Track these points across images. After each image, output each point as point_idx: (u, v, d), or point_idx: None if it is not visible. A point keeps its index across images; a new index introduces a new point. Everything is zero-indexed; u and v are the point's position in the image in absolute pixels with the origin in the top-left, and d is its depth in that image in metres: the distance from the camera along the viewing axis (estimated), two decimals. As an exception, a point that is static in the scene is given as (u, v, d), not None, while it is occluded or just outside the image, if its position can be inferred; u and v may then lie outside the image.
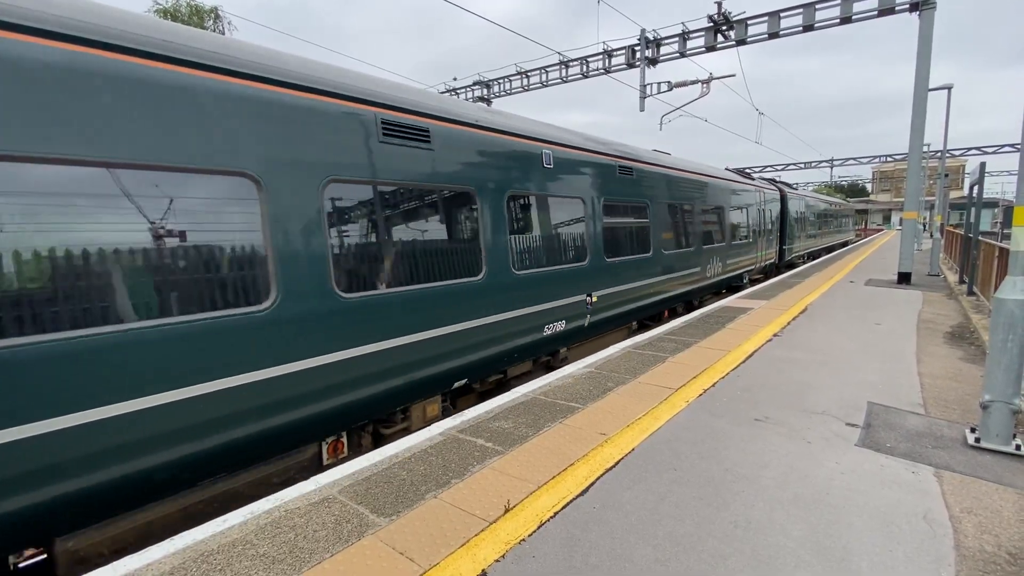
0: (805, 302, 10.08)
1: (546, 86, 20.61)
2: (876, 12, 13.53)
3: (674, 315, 10.80)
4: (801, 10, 14.76)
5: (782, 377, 5.46)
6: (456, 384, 5.46)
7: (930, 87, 12.40)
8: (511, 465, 3.60)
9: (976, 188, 12.35)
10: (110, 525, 3.18)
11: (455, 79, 23.16)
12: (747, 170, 23.82)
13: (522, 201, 6.30)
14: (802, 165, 51.93)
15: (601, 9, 15.92)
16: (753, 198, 15.29)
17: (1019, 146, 3.78)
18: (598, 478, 3.40)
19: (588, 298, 7.32)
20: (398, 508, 3.07)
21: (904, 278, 12.75)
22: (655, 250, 9.16)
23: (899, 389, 5.05)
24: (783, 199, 19.05)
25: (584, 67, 19.36)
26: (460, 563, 2.57)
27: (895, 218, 64.67)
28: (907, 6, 12.79)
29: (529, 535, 2.80)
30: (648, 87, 17.63)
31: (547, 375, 5.76)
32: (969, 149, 42.18)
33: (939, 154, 21.44)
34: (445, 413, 5.54)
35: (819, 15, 14.51)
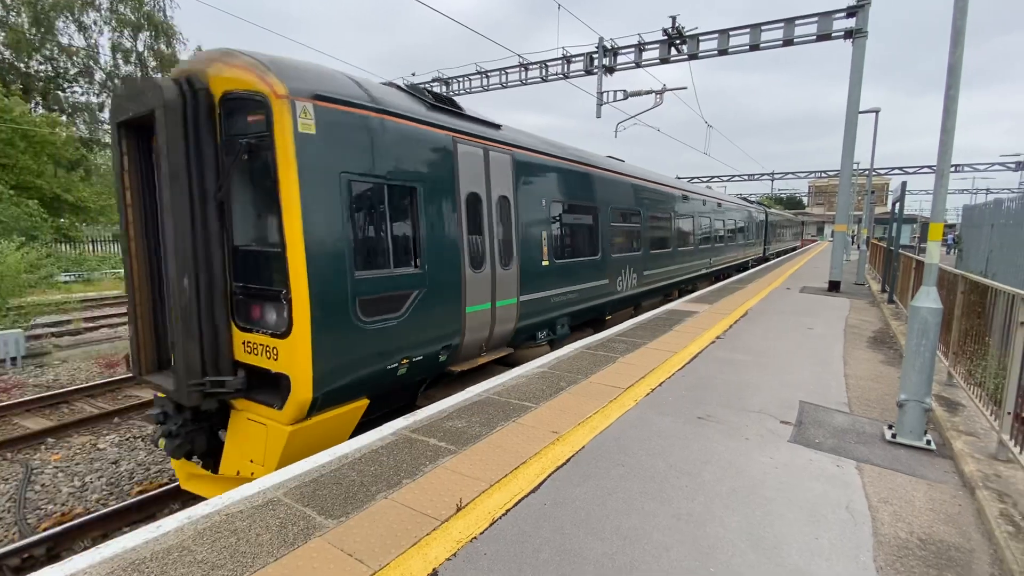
0: (746, 307, 10.63)
1: (506, 87, 20.69)
2: (815, 37, 14.48)
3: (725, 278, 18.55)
4: (748, 30, 15.58)
5: (724, 377, 5.75)
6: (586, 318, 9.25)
7: (860, 110, 13.37)
8: (464, 464, 3.60)
9: (897, 205, 13.44)
10: None
11: (413, 74, 22.86)
12: (694, 180, 32.90)
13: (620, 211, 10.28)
14: (746, 177, 54.64)
15: (560, 15, 16.17)
16: (755, 216, 24.92)
17: (935, 167, 4.16)
18: (549, 475, 3.46)
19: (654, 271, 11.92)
20: (347, 509, 3.01)
21: (834, 286, 13.69)
22: (706, 247, 16.04)
23: (828, 389, 5.43)
24: (766, 216, 28.83)
25: (543, 71, 19.59)
26: (411, 563, 2.55)
27: (828, 230, 69.20)
28: (842, 33, 13.76)
29: (481, 533, 2.81)
30: (605, 94, 18.05)
31: (500, 375, 5.79)
32: (893, 169, 45.78)
33: (867, 172, 23.16)
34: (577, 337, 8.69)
35: (764, 36, 15.37)
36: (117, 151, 4.63)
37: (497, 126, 6.82)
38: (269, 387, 4.31)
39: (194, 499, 5.05)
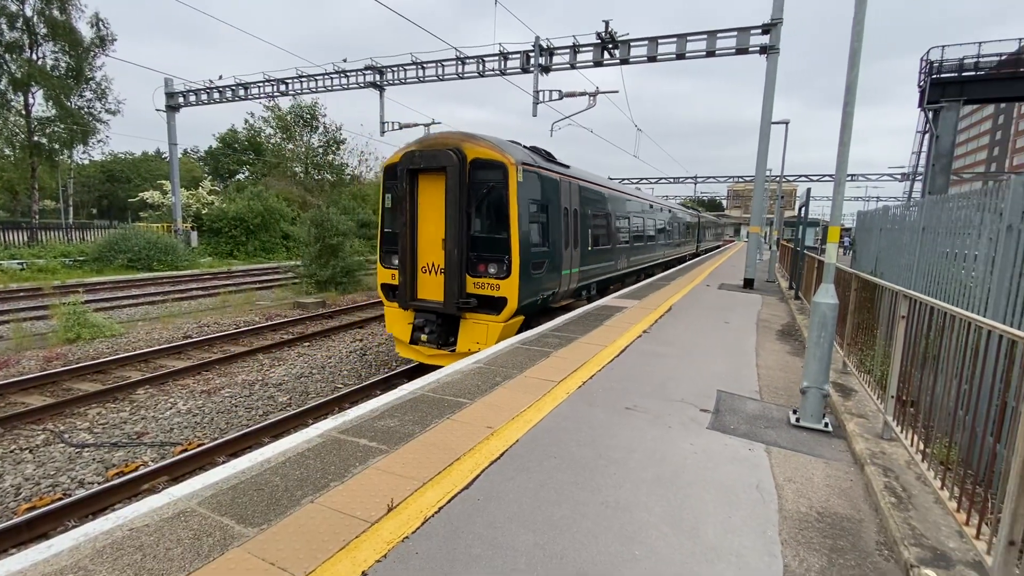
0: (670, 302, 11.22)
1: (442, 80, 20.40)
2: (734, 51, 15.52)
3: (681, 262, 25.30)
4: (675, 39, 16.38)
5: (650, 369, 6.03)
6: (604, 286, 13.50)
7: (772, 120, 14.49)
8: (396, 464, 3.53)
9: (803, 209, 14.71)
10: None
11: (345, 60, 21.95)
12: (625, 181, 36.06)
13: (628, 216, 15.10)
14: (672, 180, 57.56)
15: (497, 11, 16.15)
16: (692, 220, 30.55)
17: (834, 176, 4.59)
18: (483, 471, 3.47)
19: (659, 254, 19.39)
20: (269, 516, 2.85)
21: (748, 283, 14.76)
22: (667, 241, 21.67)
23: (742, 379, 5.85)
24: (699, 220, 35.45)
25: (480, 66, 19.52)
26: (339, 567, 2.46)
27: (744, 231, 74.53)
28: (758, 49, 14.82)
29: (413, 532, 2.77)
30: (541, 93, 18.28)
31: (436, 372, 5.73)
32: (800, 176, 50.03)
33: (777, 179, 25.17)
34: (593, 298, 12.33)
35: (689, 47, 16.25)
36: (406, 186, 8.28)
37: (567, 166, 10.61)
38: (486, 306, 8.13)
39: (94, 516, 4.58)
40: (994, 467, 2.72)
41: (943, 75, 19.96)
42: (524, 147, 9.17)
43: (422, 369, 8.70)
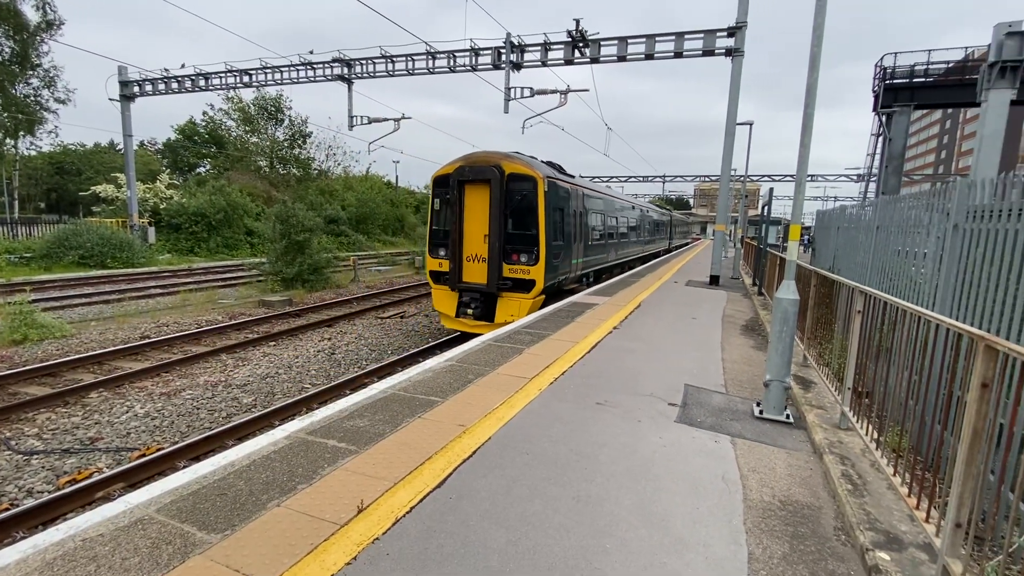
0: (640, 299, 11.41)
1: (412, 74, 20.12)
2: (701, 52, 15.85)
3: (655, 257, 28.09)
4: (644, 40, 16.62)
5: (620, 364, 6.12)
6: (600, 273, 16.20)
7: (738, 121, 14.88)
8: (366, 464, 3.47)
9: (766, 208, 15.18)
10: None
11: (312, 52, 21.38)
12: (596, 179, 37.97)
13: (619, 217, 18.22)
14: (641, 179, 58.49)
15: (468, 6, 16.03)
16: (663, 217, 33.03)
17: (795, 176, 4.75)
18: (456, 469, 3.46)
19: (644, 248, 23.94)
20: (233, 522, 2.77)
21: (714, 280, 15.15)
22: (648, 238, 25.07)
23: (708, 373, 6.00)
24: (671, 219, 39.02)
25: (451, 61, 19.33)
26: (307, 572, 2.41)
27: (710, 229, 76.42)
28: (724, 51, 15.18)
29: (384, 533, 2.73)
30: (512, 91, 18.26)
31: (407, 370, 5.67)
32: (763, 176, 51.60)
33: (742, 179, 25.90)
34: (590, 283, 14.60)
35: (658, 47, 16.50)
36: (457, 193, 10.45)
37: (574, 176, 13.00)
38: (519, 287, 10.31)
39: (45, 526, 4.35)
40: (942, 453, 2.88)
41: (895, 81, 20.91)
42: (543, 162, 11.62)
43: (399, 363, 8.64)
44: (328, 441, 3.81)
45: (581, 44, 17.22)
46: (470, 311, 10.63)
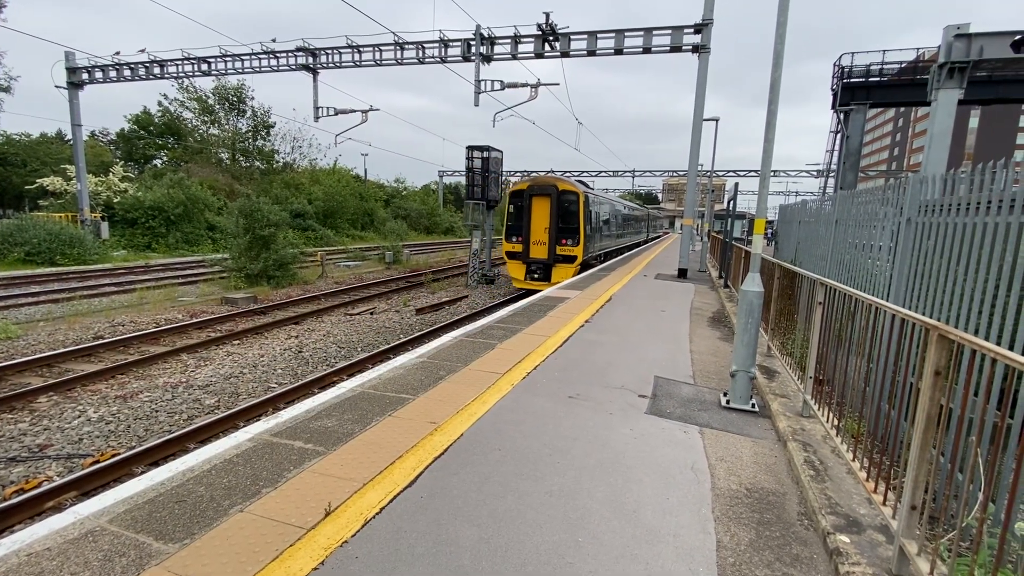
0: (610, 292, 11.54)
1: (380, 65, 19.72)
2: (668, 48, 16.06)
3: (634, 247, 33.05)
4: (613, 35, 16.72)
5: (591, 358, 6.16)
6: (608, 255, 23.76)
7: (704, 117, 15.16)
8: (334, 465, 3.39)
9: (732, 203, 15.54)
10: None
11: (274, 40, 20.68)
12: (567, 174, 39.41)
13: (615, 215, 25.69)
14: (611, 173, 59.07)
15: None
16: (641, 213, 39.44)
17: (760, 171, 4.85)
18: (427, 467, 3.41)
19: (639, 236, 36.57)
20: (193, 530, 2.65)
21: (682, 273, 15.46)
22: (634, 230, 34.11)
23: (677, 364, 6.11)
24: (648, 213, 45.92)
25: (420, 52, 19.03)
26: (271, 579, 2.33)
27: (678, 224, 77.95)
28: (690, 48, 15.42)
29: (352, 535, 2.67)
30: (483, 83, 18.11)
31: (377, 367, 5.56)
32: (729, 171, 52.89)
33: (709, 174, 26.46)
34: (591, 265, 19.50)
35: (627, 42, 16.63)
36: (528, 202, 17.01)
37: (592, 187, 21.63)
38: (566, 260, 16.76)
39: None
40: (897, 439, 2.99)
41: (853, 80, 21.67)
42: (576, 181, 18.39)
43: (370, 360, 8.48)
44: (294, 443, 3.70)
45: (551, 38, 17.20)
46: (536, 276, 17.03)
